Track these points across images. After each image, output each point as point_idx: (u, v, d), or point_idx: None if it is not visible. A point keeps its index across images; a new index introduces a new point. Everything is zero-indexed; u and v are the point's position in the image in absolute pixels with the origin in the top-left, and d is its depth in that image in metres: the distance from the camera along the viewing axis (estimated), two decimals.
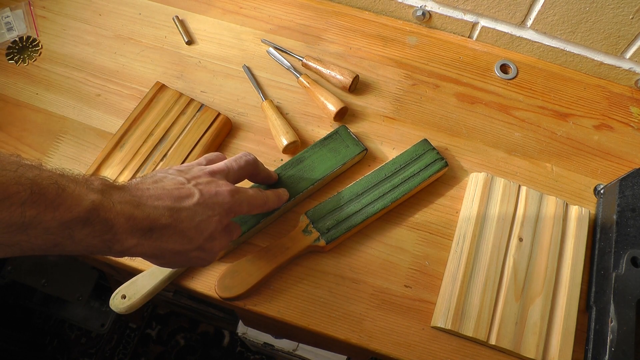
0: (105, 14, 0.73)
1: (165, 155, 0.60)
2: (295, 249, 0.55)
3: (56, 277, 1.13)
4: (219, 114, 0.62)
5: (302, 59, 0.68)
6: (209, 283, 0.55)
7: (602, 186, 0.61)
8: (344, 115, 0.66)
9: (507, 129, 0.66)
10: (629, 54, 0.66)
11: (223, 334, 1.37)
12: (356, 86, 0.68)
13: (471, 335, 0.52)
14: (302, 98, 0.67)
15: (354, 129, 0.65)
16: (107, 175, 0.59)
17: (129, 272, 0.57)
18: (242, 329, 0.97)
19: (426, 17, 0.72)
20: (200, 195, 0.42)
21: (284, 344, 0.95)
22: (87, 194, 0.34)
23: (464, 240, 0.56)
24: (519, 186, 0.60)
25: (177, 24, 0.72)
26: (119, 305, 0.52)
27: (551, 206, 0.58)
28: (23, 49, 0.70)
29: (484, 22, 0.70)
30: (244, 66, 0.69)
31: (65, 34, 0.72)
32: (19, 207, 0.30)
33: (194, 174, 0.44)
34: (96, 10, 0.74)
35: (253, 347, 1.15)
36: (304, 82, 0.65)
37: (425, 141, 0.61)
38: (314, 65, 0.67)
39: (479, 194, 0.59)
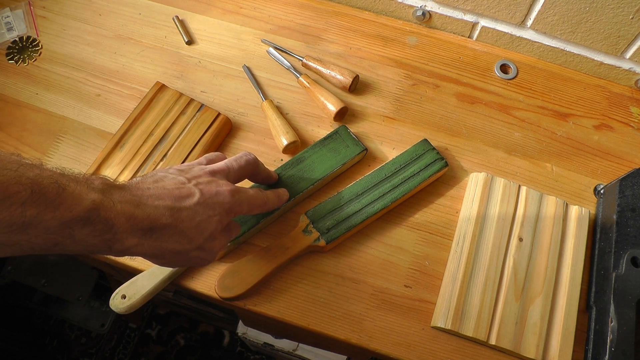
0: (105, 14, 0.73)
1: (165, 155, 0.60)
2: (295, 249, 0.55)
3: (56, 277, 1.13)
4: (219, 114, 0.62)
5: (302, 59, 0.68)
6: (209, 283, 0.55)
7: (602, 186, 0.61)
8: (344, 115, 0.66)
9: (507, 129, 0.66)
10: (629, 54, 0.66)
11: (223, 334, 1.37)
12: (356, 86, 0.68)
13: (471, 335, 0.52)
14: (302, 98, 0.67)
15: (354, 129, 0.65)
16: (107, 175, 0.59)
17: (129, 272, 0.57)
18: (242, 329, 0.97)
19: (426, 17, 0.72)
20: (201, 195, 0.42)
21: (284, 344, 0.95)
22: (87, 193, 0.34)
23: (464, 240, 0.56)
24: (519, 186, 0.60)
25: (177, 24, 0.72)
26: (119, 305, 0.52)
27: (551, 206, 0.58)
28: (23, 49, 0.70)
29: (484, 22, 0.70)
30: (244, 66, 0.69)
31: (65, 34, 0.72)
32: (19, 207, 0.30)
33: (194, 174, 0.44)
34: (96, 10, 0.74)
35: (253, 347, 1.15)
36: (304, 82, 0.66)
37: (425, 141, 0.61)
38: (314, 65, 0.67)
39: (479, 194, 0.59)
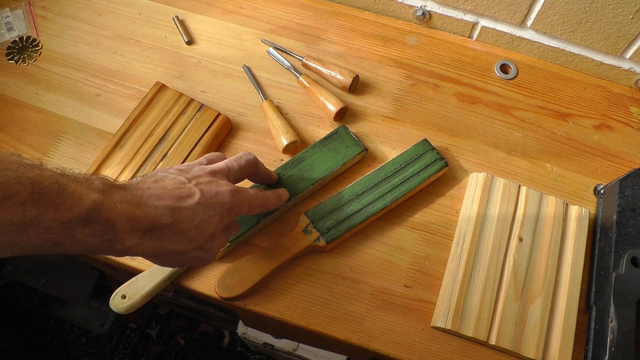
0: (105, 14, 0.73)
1: (165, 155, 0.60)
2: (295, 249, 0.55)
3: (56, 277, 1.13)
4: (219, 114, 0.62)
5: (302, 59, 0.68)
6: (209, 283, 0.55)
7: (602, 186, 0.61)
8: (344, 115, 0.66)
9: (507, 129, 0.66)
10: (629, 54, 0.66)
11: (223, 334, 1.37)
12: (356, 86, 0.68)
13: (471, 335, 0.52)
14: (302, 98, 0.67)
15: (354, 129, 0.65)
16: (107, 175, 0.59)
17: (129, 272, 0.57)
18: (242, 329, 0.97)
19: (426, 17, 0.72)
20: (201, 195, 0.42)
21: (284, 344, 0.95)
22: (88, 193, 0.34)
23: (464, 240, 0.56)
24: (519, 186, 0.60)
25: (177, 24, 0.72)
26: (119, 305, 0.52)
27: (551, 206, 0.59)
28: (23, 49, 0.70)
29: (484, 22, 0.70)
30: (244, 66, 0.69)
31: (65, 34, 0.72)
32: (19, 207, 0.30)
33: (194, 174, 0.44)
34: (96, 10, 0.74)
35: (253, 347, 1.15)
36: (304, 82, 0.65)
37: (425, 141, 0.61)
38: (314, 65, 0.67)
39: (479, 194, 0.59)
